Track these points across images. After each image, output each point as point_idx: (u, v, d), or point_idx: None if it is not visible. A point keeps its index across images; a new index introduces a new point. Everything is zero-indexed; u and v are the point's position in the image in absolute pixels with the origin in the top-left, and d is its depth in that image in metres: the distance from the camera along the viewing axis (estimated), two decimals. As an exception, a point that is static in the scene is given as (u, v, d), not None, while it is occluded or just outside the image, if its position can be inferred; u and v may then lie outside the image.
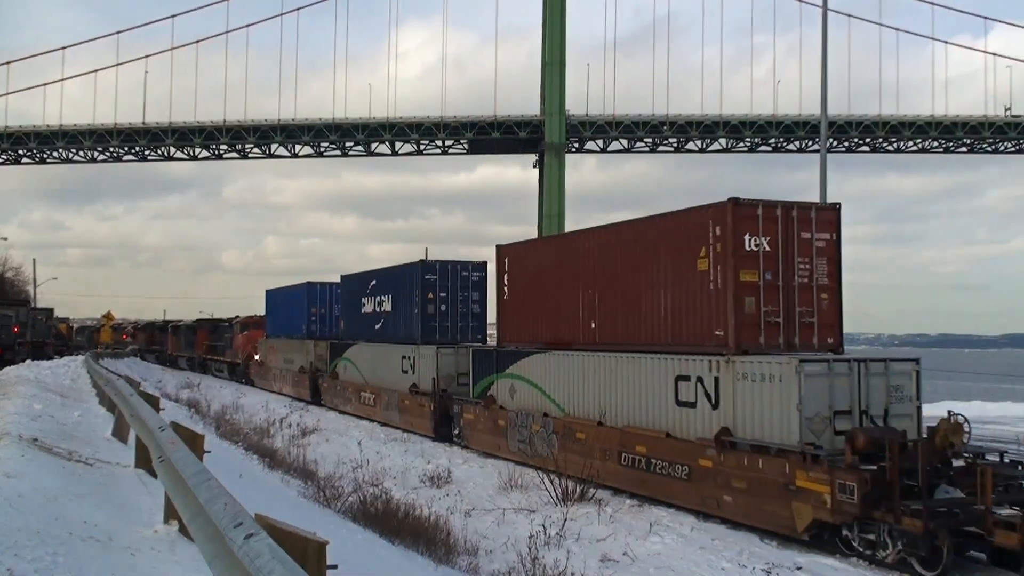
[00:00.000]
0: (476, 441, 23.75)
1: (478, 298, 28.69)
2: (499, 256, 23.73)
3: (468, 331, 28.56)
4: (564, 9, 74.11)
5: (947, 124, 75.83)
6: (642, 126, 76.17)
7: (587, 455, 17.97)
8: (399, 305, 30.33)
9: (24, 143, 77.40)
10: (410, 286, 28.99)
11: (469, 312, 28.59)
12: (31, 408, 16.96)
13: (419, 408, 27.45)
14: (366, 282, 33.88)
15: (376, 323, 32.54)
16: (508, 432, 21.89)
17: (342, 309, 37.68)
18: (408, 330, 29.27)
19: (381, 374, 31.38)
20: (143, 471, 11.16)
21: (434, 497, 16.65)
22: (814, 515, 13.01)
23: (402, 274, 30.14)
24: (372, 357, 32.61)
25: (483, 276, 28.61)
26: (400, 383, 29.23)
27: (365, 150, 79.39)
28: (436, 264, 28.46)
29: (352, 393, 34.16)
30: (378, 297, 32.44)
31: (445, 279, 28.31)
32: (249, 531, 4.80)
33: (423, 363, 27.57)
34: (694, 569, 12.39)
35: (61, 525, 7.50)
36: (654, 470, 16.56)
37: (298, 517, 9.67)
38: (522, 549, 12.16)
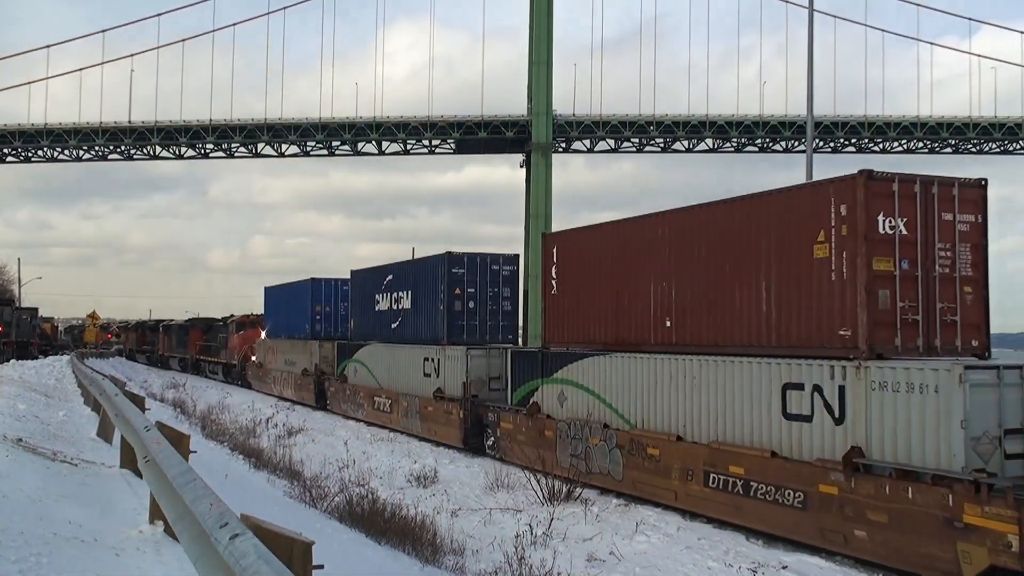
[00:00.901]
0: (516, 454, 20.60)
1: (509, 294, 26.00)
2: (546, 245, 21.08)
3: (498, 331, 25.86)
4: (551, 9, 74.13)
5: (932, 125, 76.20)
6: (629, 126, 76.26)
7: (662, 474, 15.87)
8: (421, 302, 27.55)
9: (8, 142, 76.89)
10: (434, 281, 26.32)
11: (500, 310, 25.84)
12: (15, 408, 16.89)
13: (445, 416, 24.70)
14: (381, 277, 31.07)
15: (392, 322, 29.77)
16: (558, 445, 19.16)
17: (352, 307, 34.76)
18: (432, 329, 26.48)
19: (399, 378, 28.61)
20: (128, 471, 11.13)
21: (420, 497, 16.63)
22: (991, 560, 10.69)
23: (425, 268, 27.37)
24: (388, 359, 29.79)
25: (515, 270, 26.11)
26: (422, 388, 26.52)
27: (352, 150, 79.22)
28: (464, 257, 25.66)
29: (364, 398, 31.31)
30: (395, 293, 29.60)
31: (474, 273, 25.50)
32: (235, 531, 4.80)
33: (450, 366, 24.89)
34: (680, 568, 12.43)
35: (45, 525, 7.48)
36: (754, 495, 13.93)
37: (284, 517, 9.66)
38: (508, 549, 12.16)
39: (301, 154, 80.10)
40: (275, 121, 76.13)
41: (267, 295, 47.25)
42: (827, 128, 74.68)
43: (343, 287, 37.56)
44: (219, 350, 56.22)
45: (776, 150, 79.69)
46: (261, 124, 76.21)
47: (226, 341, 54.24)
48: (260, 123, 76.23)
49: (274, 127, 76.35)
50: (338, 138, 77.16)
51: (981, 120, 75.72)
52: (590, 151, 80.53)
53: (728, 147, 79.34)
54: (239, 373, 50.95)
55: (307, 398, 37.80)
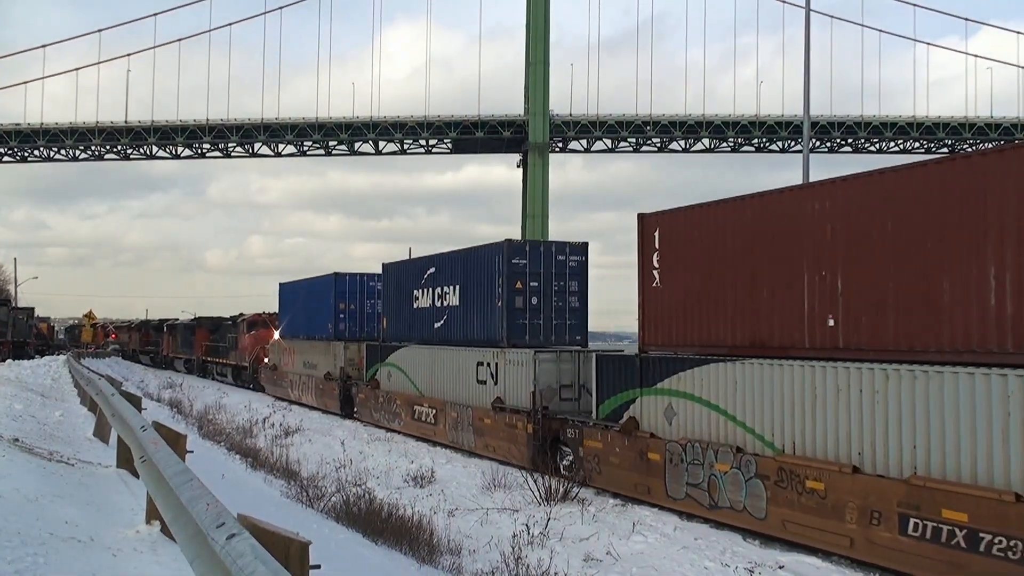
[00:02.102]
0: (607, 478, 17.47)
1: (577, 288, 22.73)
2: (644, 228, 17.37)
3: (565, 331, 22.63)
4: (548, 9, 74.28)
5: (928, 125, 76.45)
6: (625, 126, 76.45)
7: (829, 515, 12.45)
8: (472, 298, 24.12)
9: (5, 142, 76.86)
10: (490, 274, 23.00)
11: (566, 307, 22.60)
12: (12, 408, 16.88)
13: (508, 431, 21.14)
14: (421, 270, 27.60)
15: (436, 320, 26.37)
16: (667, 471, 15.75)
17: (385, 304, 31.01)
18: (488, 329, 23.14)
19: (445, 384, 25.04)
20: (125, 471, 11.12)
21: (417, 497, 16.63)
22: None
23: (477, 259, 23.86)
24: (430, 363, 26.11)
25: (583, 261, 22.87)
26: (476, 397, 23.04)
27: (348, 149, 79.33)
28: (526, 245, 22.73)
29: (401, 407, 27.73)
30: (440, 288, 26.06)
31: (537, 264, 22.30)
32: (231, 531, 4.80)
33: (512, 372, 21.43)
34: (677, 568, 12.43)
35: (42, 526, 7.47)
36: (987, 551, 10.48)
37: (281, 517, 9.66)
38: (505, 549, 12.17)
39: (298, 154, 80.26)
40: (272, 121, 76.21)
41: (282, 292, 43.79)
42: (824, 128, 74.91)
43: (370, 283, 35.02)
44: (228, 351, 53.20)
45: (773, 150, 79.93)
46: (258, 124, 76.28)
47: (236, 341, 51.23)
48: (257, 123, 76.30)
49: (271, 127, 76.42)
50: (335, 138, 77.29)
51: (977, 120, 75.99)
52: (587, 151, 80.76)
53: (725, 147, 79.56)
54: (250, 376, 47.92)
55: (330, 405, 34.55)
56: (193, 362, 61.30)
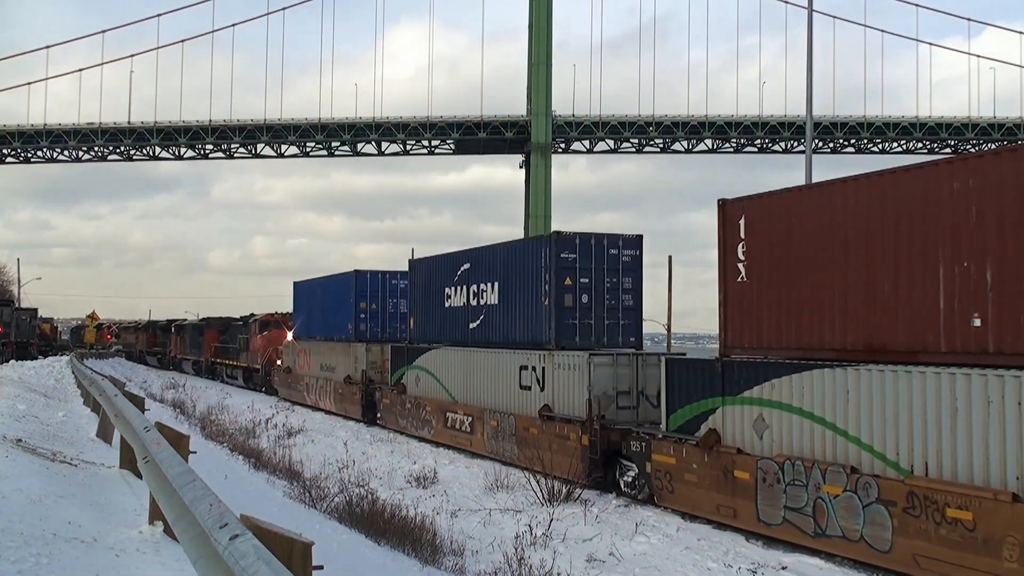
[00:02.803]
0: (681, 498, 15.62)
1: (631, 285, 20.74)
2: (726, 216, 15.33)
3: (618, 331, 20.59)
4: (550, 10, 74.28)
5: (931, 125, 76.40)
6: (628, 126, 76.45)
7: (980, 550, 10.58)
8: (515, 296, 22.04)
9: (8, 142, 76.97)
10: (535, 269, 20.97)
11: (619, 305, 20.61)
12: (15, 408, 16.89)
13: (559, 442, 19.05)
14: (453, 267, 25.63)
15: (472, 320, 24.32)
16: (759, 492, 13.75)
17: (412, 303, 29.01)
18: (532, 330, 21.13)
19: (482, 390, 23.13)
20: (128, 472, 11.13)
21: (420, 498, 16.64)
22: None
23: (520, 253, 21.98)
24: (465, 366, 24.16)
25: (637, 255, 20.86)
26: (519, 404, 21.13)
27: (351, 150, 79.38)
28: (576, 238, 20.40)
29: (432, 413, 25.74)
30: (476, 286, 24.07)
31: (587, 259, 20.31)
32: (234, 532, 4.80)
33: (562, 377, 19.53)
34: (680, 569, 12.43)
35: (45, 526, 7.48)
36: None
37: (284, 518, 9.66)
38: (508, 549, 12.17)
39: (300, 155, 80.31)
40: (274, 122, 76.29)
41: (297, 291, 41.94)
42: (826, 128, 74.88)
43: (392, 280, 33.44)
44: (239, 352, 51.00)
45: (775, 151, 79.91)
46: (260, 125, 76.36)
47: (247, 343, 49.05)
48: (259, 124, 76.39)
49: (273, 128, 76.50)
50: (337, 139, 77.34)
51: (980, 121, 75.94)
52: (589, 151, 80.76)
53: (728, 148, 79.52)
54: (262, 379, 45.79)
55: (351, 410, 32.61)
56: (202, 364, 59.64)
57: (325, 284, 37.68)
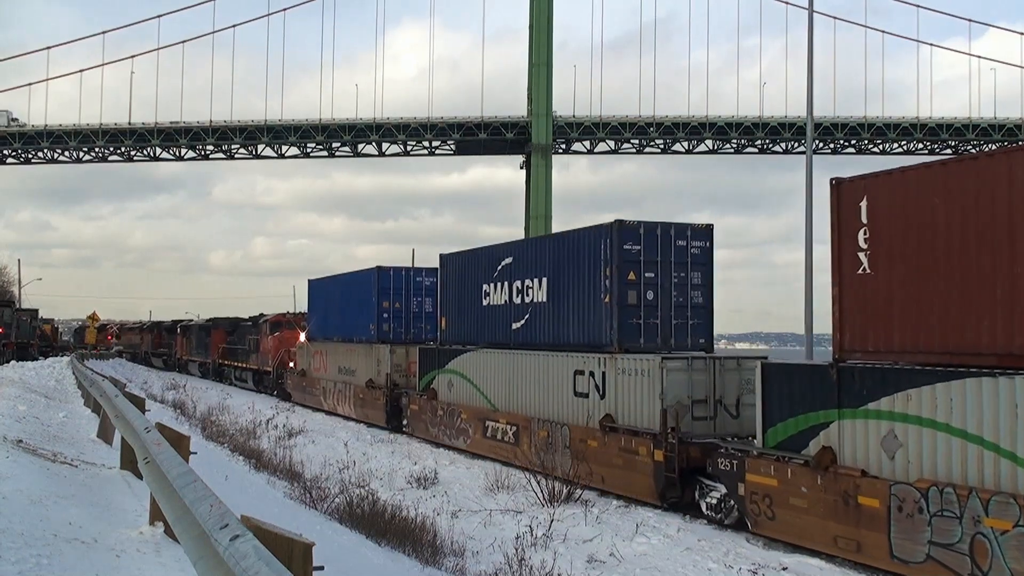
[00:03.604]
0: (784, 526, 13.40)
1: (700, 280, 18.71)
2: (842, 199, 13.11)
3: (686, 331, 18.57)
4: (551, 11, 74.28)
5: (932, 126, 76.38)
6: (629, 127, 76.45)
7: None
8: (567, 293, 20.00)
9: (8, 143, 76.98)
10: (593, 262, 18.98)
11: (688, 303, 18.57)
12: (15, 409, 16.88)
13: (626, 457, 16.98)
14: (493, 261, 23.53)
15: (515, 320, 22.21)
16: (892, 523, 11.68)
17: (444, 301, 26.87)
18: (590, 330, 19.06)
19: (528, 397, 20.98)
20: (128, 472, 11.12)
21: (421, 498, 16.64)
22: None
23: (577, 245, 19.71)
24: (507, 371, 22.04)
25: (707, 247, 18.89)
26: (573, 413, 19.04)
27: (352, 151, 79.38)
28: (640, 227, 18.31)
29: (468, 421, 23.72)
30: (520, 282, 21.97)
31: (653, 251, 18.31)
32: (235, 532, 4.80)
33: (628, 383, 17.47)
34: (680, 570, 12.43)
35: (46, 527, 7.48)
36: None
37: (284, 518, 9.67)
38: (509, 550, 12.18)
39: (301, 155, 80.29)
40: (275, 122, 76.32)
41: (312, 289, 39.82)
42: (827, 129, 74.87)
43: (416, 278, 31.62)
44: (248, 354, 48.68)
45: (776, 151, 79.92)
46: (261, 125, 76.38)
47: (257, 344, 46.92)
48: (260, 124, 76.42)
49: (274, 128, 76.51)
50: (338, 139, 77.33)
51: (981, 121, 75.91)
52: (590, 152, 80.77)
53: (728, 148, 79.51)
54: (274, 382, 43.48)
55: (373, 417, 30.63)
56: (208, 366, 57.67)
57: (344, 282, 35.72)
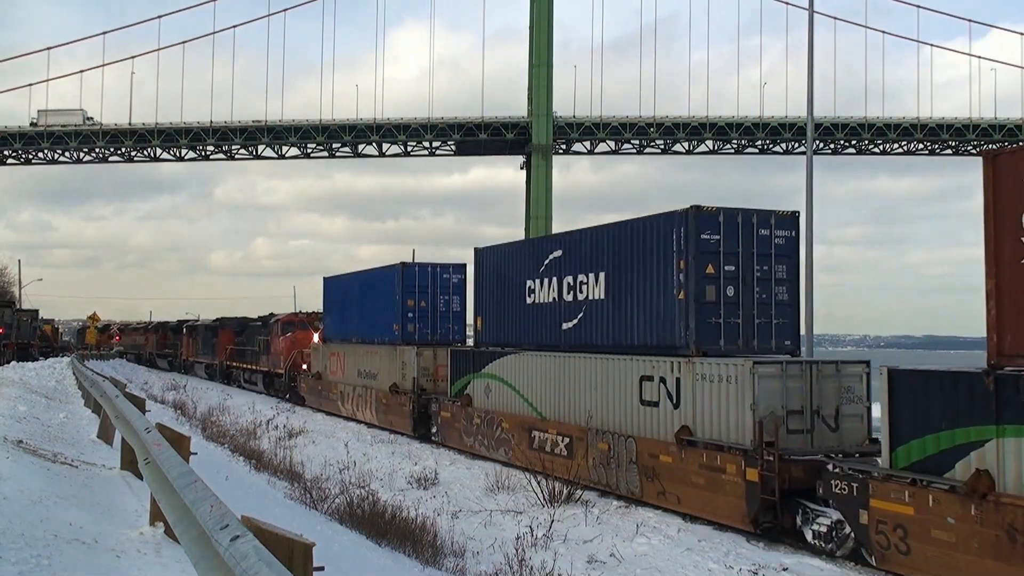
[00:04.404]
0: (926, 563, 11.39)
1: (785, 275, 16.80)
2: (999, 174, 11.01)
3: (770, 332, 16.56)
4: (551, 11, 74.29)
5: (932, 127, 76.38)
6: (629, 128, 76.46)
7: None
8: (631, 288, 17.89)
9: (9, 144, 77.00)
10: (664, 254, 16.81)
11: (772, 300, 16.58)
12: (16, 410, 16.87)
13: (709, 475, 14.91)
14: (539, 254, 21.41)
15: (566, 319, 20.11)
16: None
17: (481, 299, 24.66)
18: (660, 330, 16.90)
19: (583, 405, 18.82)
20: (128, 473, 11.13)
21: (421, 499, 16.64)
22: None
23: (644, 234, 17.50)
24: (556, 375, 19.94)
25: (793, 237, 16.89)
26: (641, 424, 16.94)
27: (352, 151, 79.41)
28: (719, 214, 16.23)
29: (511, 431, 21.52)
30: (571, 277, 19.90)
31: (733, 241, 16.22)
32: (235, 533, 4.80)
33: (709, 391, 15.33)
34: (680, 570, 12.43)
35: (46, 527, 7.47)
36: None
37: (285, 519, 9.67)
38: (509, 550, 12.17)
39: (302, 156, 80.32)
40: (275, 123, 76.36)
41: (327, 288, 37.81)
42: (827, 130, 74.88)
43: (443, 274, 29.51)
44: (258, 356, 46.60)
45: (776, 152, 79.94)
46: (261, 126, 76.42)
47: (267, 345, 44.82)
48: (260, 125, 76.45)
49: (274, 129, 76.54)
50: (338, 140, 77.35)
51: (981, 122, 75.90)
52: (590, 152, 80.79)
53: (728, 148, 79.54)
54: (286, 385, 41.42)
55: (398, 423, 28.59)
56: (215, 367, 55.65)
57: (364, 279, 33.65)
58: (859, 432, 14.80)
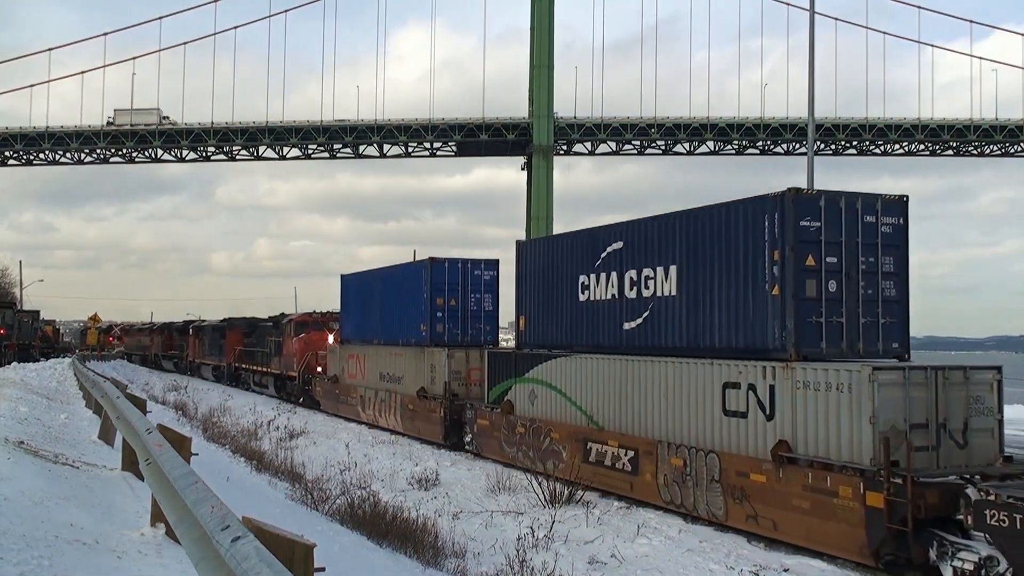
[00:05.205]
0: None
1: (893, 268, 14.59)
2: None
3: (877, 333, 14.40)
4: (552, 12, 74.26)
5: (933, 127, 76.34)
6: (630, 128, 76.43)
7: None
8: (709, 282, 15.89)
9: (10, 144, 77.02)
10: (753, 244, 14.84)
11: (878, 296, 14.44)
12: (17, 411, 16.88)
13: (817, 500, 12.80)
14: (595, 246, 19.36)
15: (629, 318, 18.04)
16: None
17: (525, 297, 22.45)
18: (747, 331, 14.96)
19: (650, 415, 16.82)
20: (129, 474, 11.14)
21: (422, 499, 16.64)
22: None
23: (723, 221, 15.57)
24: (617, 381, 17.90)
25: (901, 225, 14.65)
26: (724, 437, 14.89)
27: (353, 152, 79.43)
28: (820, 198, 14.24)
29: (561, 442, 19.39)
30: (633, 272, 17.92)
31: (835, 229, 14.20)
32: (236, 534, 4.80)
33: (812, 400, 13.26)
34: (681, 571, 12.42)
35: (47, 528, 7.48)
36: None
37: (285, 520, 9.68)
38: (510, 551, 12.18)
39: (302, 157, 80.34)
40: (276, 124, 76.36)
41: (345, 286, 35.75)
42: (828, 130, 74.82)
43: (475, 271, 27.53)
44: (269, 358, 44.62)
45: (777, 152, 79.86)
46: (262, 127, 76.42)
47: (279, 346, 42.79)
48: (261, 126, 76.46)
49: (275, 130, 76.55)
50: (339, 140, 77.35)
51: (982, 123, 75.89)
52: (591, 153, 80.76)
53: (729, 149, 79.50)
54: (300, 388, 39.50)
55: (427, 431, 26.38)
56: (223, 369, 53.47)
57: (387, 276, 31.62)
58: (990, 449, 12.93)
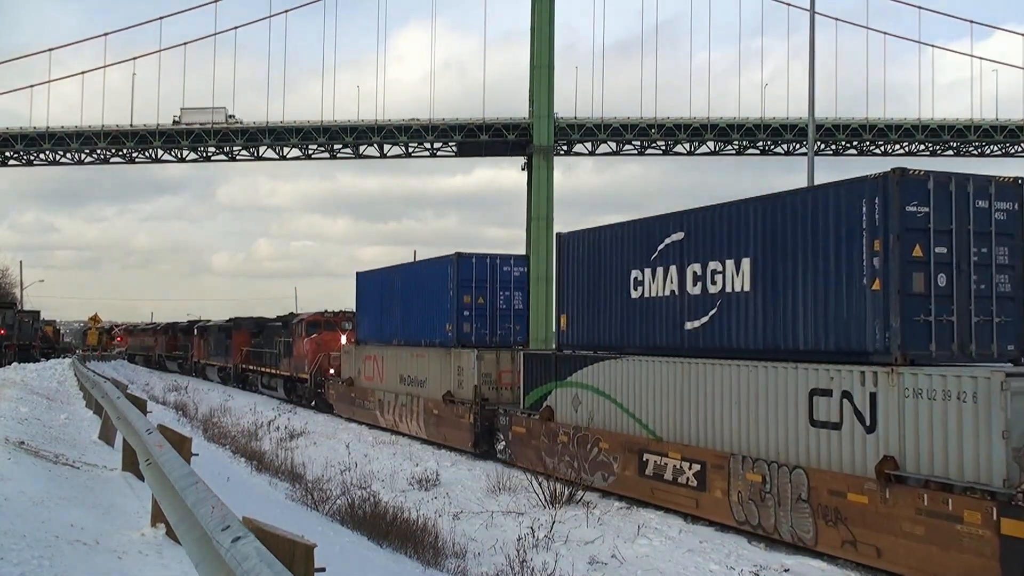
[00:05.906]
0: None
1: (1007, 260, 12.79)
2: None
3: (990, 332, 12.63)
4: (552, 13, 74.23)
5: (934, 128, 76.33)
6: (630, 129, 76.42)
7: None
8: (790, 275, 14.11)
9: (11, 145, 77.01)
10: (844, 231, 13.07)
11: (992, 292, 12.65)
12: (17, 411, 16.90)
13: (932, 525, 11.17)
14: (650, 238, 17.51)
15: (691, 317, 16.26)
16: None
17: (566, 293, 20.45)
18: (837, 330, 13.20)
19: (718, 425, 15.05)
20: (130, 474, 11.14)
21: (422, 500, 16.64)
22: None
23: (808, 207, 13.85)
24: (676, 386, 16.11)
25: (1015, 211, 12.88)
26: (809, 451, 13.20)
27: (353, 153, 79.45)
28: (928, 180, 12.41)
29: (612, 453, 17.57)
30: (697, 265, 16.18)
31: (945, 215, 12.42)
32: (236, 534, 4.80)
33: (925, 411, 11.56)
34: (682, 571, 12.42)
35: (47, 528, 7.49)
36: None
37: (286, 520, 9.67)
38: (510, 551, 12.18)
39: (303, 157, 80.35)
40: (276, 124, 76.34)
41: (361, 284, 33.84)
42: (828, 131, 74.80)
43: (503, 267, 25.76)
44: (277, 359, 42.84)
45: (778, 153, 79.85)
46: (263, 127, 76.40)
47: (289, 347, 40.89)
48: (262, 126, 76.44)
49: (276, 130, 76.53)
50: (340, 141, 77.36)
51: (982, 123, 75.87)
52: (591, 154, 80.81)
53: (730, 150, 79.52)
54: (312, 391, 37.60)
55: (454, 438, 24.45)
56: (229, 370, 51.68)
57: (408, 273, 29.84)
58: None
